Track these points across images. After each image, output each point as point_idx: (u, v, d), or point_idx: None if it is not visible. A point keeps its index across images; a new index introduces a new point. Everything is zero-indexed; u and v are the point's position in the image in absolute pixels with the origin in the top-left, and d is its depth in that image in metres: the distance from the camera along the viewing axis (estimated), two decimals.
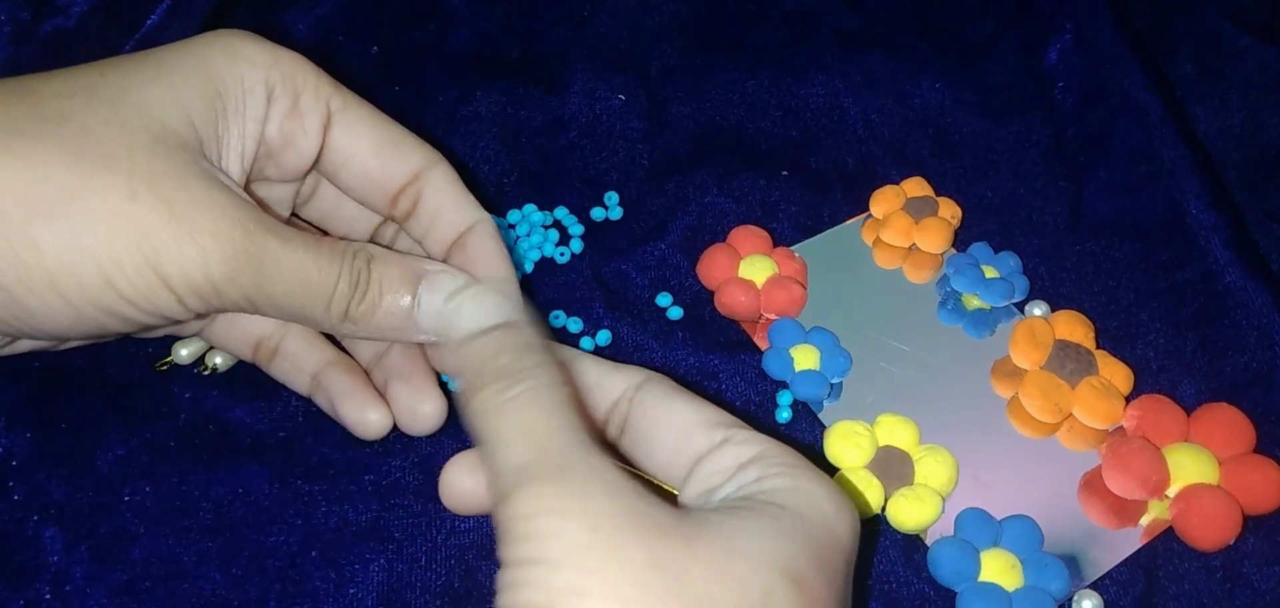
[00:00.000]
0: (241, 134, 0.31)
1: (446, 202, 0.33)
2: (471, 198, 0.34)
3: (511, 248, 0.43)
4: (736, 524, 0.23)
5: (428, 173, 0.33)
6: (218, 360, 0.36)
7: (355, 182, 0.33)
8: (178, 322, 0.31)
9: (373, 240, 0.37)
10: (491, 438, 0.25)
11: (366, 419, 0.34)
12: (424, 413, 0.34)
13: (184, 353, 0.36)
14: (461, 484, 0.29)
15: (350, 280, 0.30)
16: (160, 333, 0.36)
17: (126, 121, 0.28)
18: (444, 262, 0.33)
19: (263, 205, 0.32)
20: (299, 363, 0.35)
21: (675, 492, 0.28)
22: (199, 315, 0.30)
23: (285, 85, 0.31)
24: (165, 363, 0.36)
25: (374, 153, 0.33)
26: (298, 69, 0.32)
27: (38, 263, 0.27)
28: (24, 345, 0.32)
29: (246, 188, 0.31)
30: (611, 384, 0.30)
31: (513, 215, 0.44)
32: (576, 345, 0.39)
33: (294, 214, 0.36)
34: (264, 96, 0.31)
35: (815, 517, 0.24)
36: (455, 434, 0.35)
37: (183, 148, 0.28)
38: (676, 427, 0.28)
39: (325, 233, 0.37)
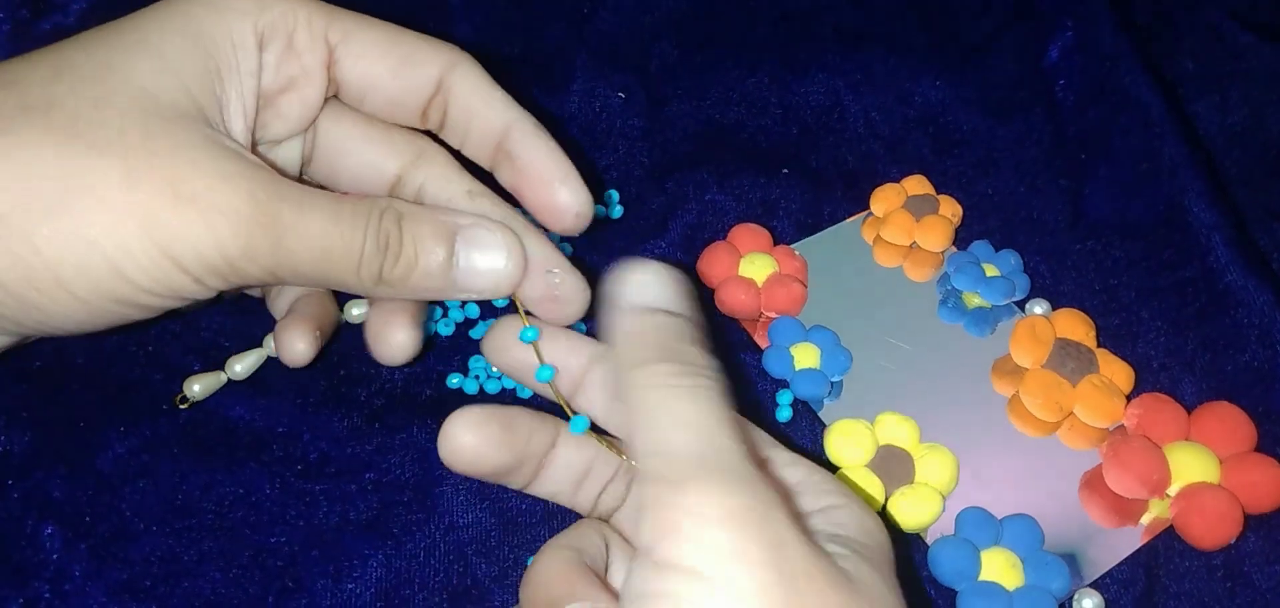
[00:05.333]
0: (240, 92, 0.29)
1: (475, 104, 0.31)
2: (501, 93, 0.32)
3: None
4: (873, 580, 0.23)
5: (450, 76, 0.31)
6: (196, 387, 0.36)
7: (382, 108, 0.32)
8: (202, 300, 0.28)
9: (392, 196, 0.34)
10: (660, 415, 0.23)
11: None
12: (398, 342, 0.31)
13: (196, 388, 0.36)
14: (462, 439, 0.27)
15: (378, 241, 0.28)
16: (186, 309, 0.33)
17: (116, 99, 0.26)
18: (491, 172, 0.32)
19: (274, 168, 0.30)
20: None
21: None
22: (222, 292, 0.28)
23: (276, 28, 0.29)
24: (181, 399, 0.36)
25: (390, 75, 0.31)
26: (288, 7, 0.30)
27: (41, 263, 0.25)
28: (37, 337, 0.31)
29: (253, 150, 0.29)
30: None
31: None
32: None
33: (300, 177, 0.34)
34: (255, 45, 0.29)
35: (887, 550, 0.25)
36: None
37: (180, 118, 0.26)
38: None
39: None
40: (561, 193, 0.31)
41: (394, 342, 0.31)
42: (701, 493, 0.21)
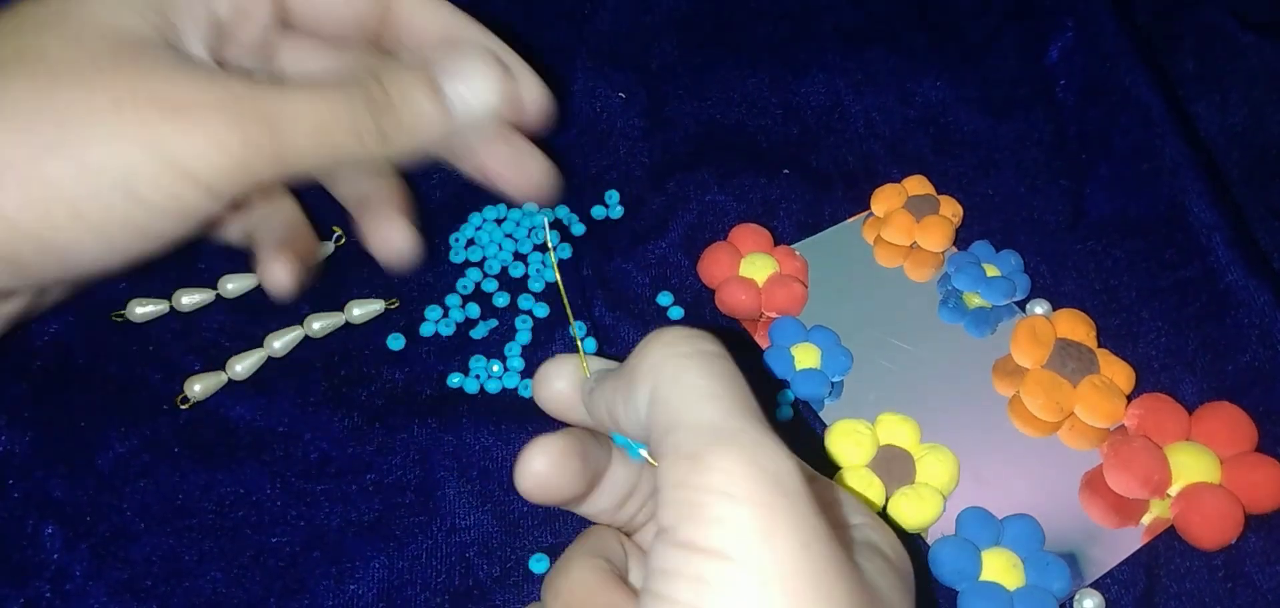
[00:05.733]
0: (195, 20, 0.29)
1: (420, 14, 0.32)
2: (448, 7, 0.32)
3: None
4: (883, 575, 0.23)
5: None
6: (197, 387, 0.36)
7: (331, 24, 0.32)
8: (215, 220, 0.28)
9: None
10: (674, 389, 0.22)
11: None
12: (398, 238, 0.32)
13: (197, 388, 0.36)
14: (536, 467, 0.25)
15: (368, 102, 0.28)
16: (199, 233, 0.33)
17: (82, 38, 0.26)
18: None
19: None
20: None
21: None
22: (235, 207, 0.28)
23: None
24: (182, 398, 0.36)
25: None
26: None
27: (56, 197, 0.25)
28: (53, 297, 0.31)
29: None
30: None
31: (514, 214, 0.44)
32: (579, 346, 0.39)
33: None
34: None
35: (911, 576, 0.25)
36: (457, 432, 0.35)
37: (147, 44, 0.27)
38: None
39: None
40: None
41: (395, 238, 0.32)
42: (725, 470, 0.20)
